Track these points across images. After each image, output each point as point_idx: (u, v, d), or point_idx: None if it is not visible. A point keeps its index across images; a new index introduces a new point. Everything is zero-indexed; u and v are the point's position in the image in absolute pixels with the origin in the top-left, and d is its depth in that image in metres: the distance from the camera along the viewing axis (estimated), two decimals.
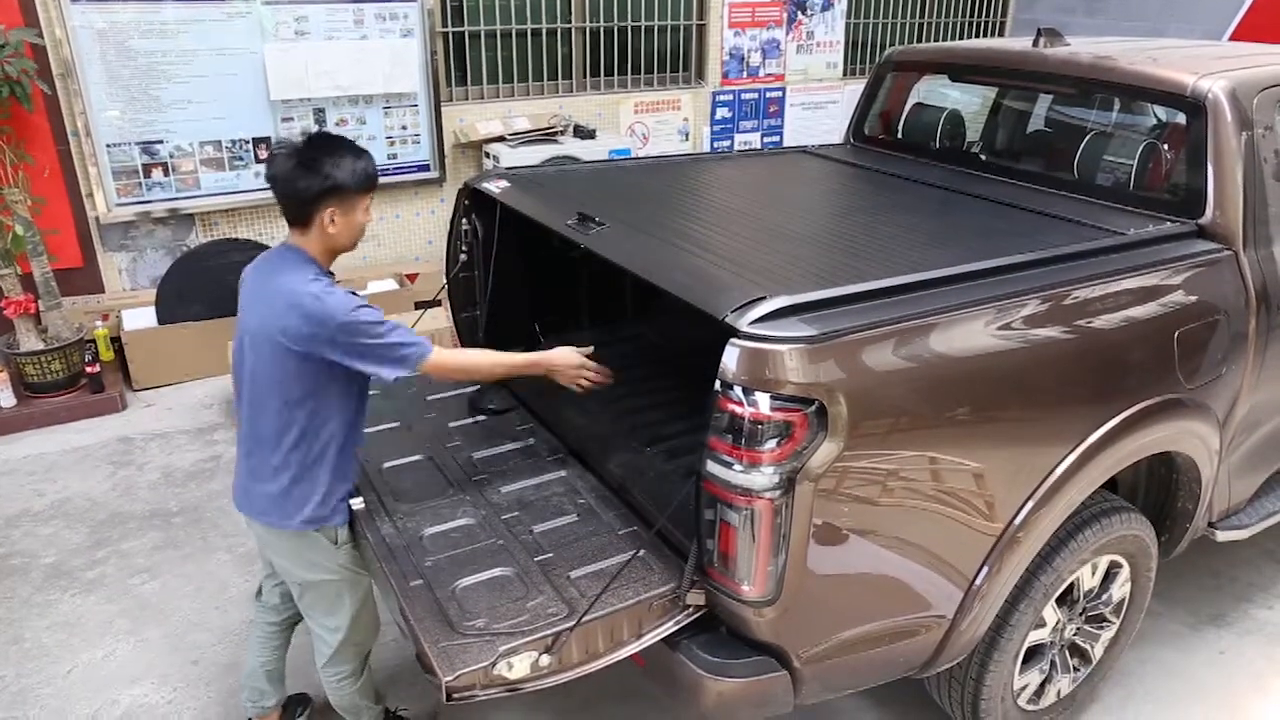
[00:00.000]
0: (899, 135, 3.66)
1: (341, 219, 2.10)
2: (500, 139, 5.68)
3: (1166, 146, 2.79)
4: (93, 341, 4.66)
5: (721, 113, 6.89)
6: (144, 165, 4.96)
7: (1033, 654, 2.48)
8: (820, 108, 7.33)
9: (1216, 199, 2.53)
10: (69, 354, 4.51)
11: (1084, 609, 2.55)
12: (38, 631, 3.09)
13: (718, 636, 1.99)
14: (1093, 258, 2.31)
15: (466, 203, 3.02)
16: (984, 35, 8.16)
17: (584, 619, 1.89)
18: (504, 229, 3.07)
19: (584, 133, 5.97)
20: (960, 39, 7.98)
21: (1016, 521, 2.11)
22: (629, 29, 6.40)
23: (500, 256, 3.10)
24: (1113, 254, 2.35)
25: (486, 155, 5.74)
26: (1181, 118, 2.66)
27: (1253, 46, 3.36)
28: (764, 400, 1.75)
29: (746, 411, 1.76)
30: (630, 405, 2.84)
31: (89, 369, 4.54)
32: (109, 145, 4.85)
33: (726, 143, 6.98)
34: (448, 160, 5.80)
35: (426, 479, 2.49)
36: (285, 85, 5.12)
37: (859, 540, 1.92)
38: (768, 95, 7.05)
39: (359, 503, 2.28)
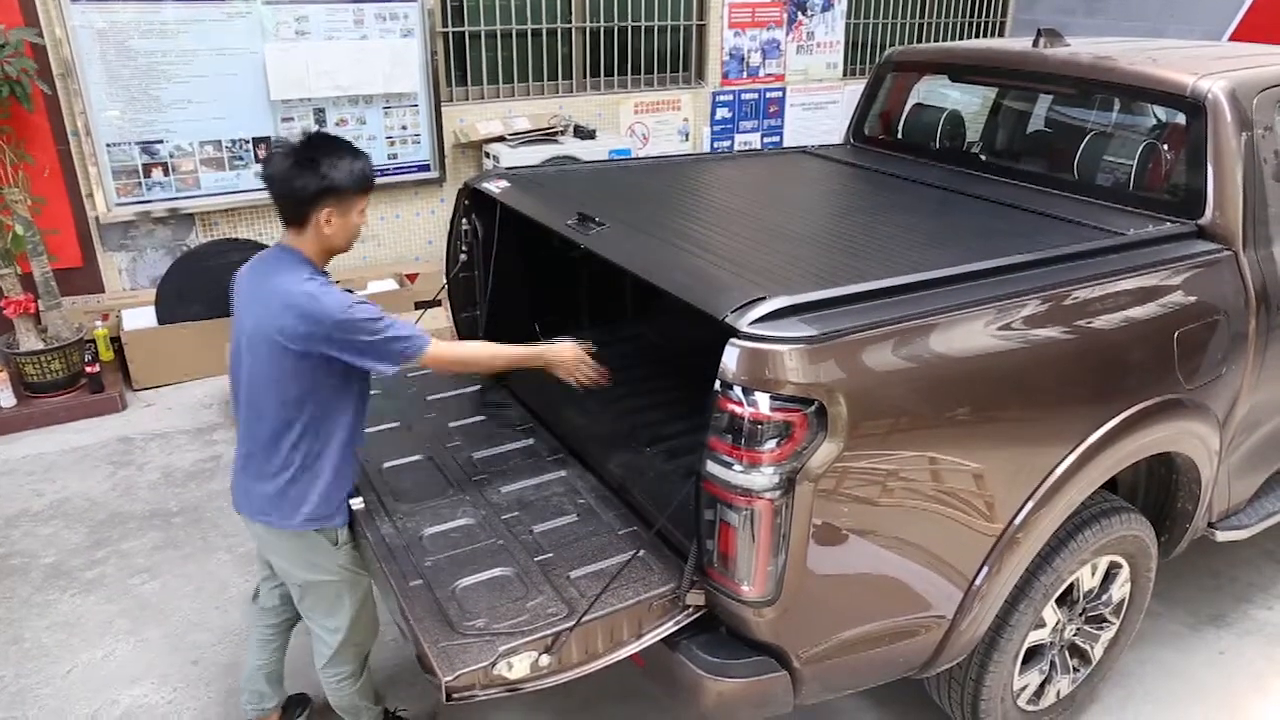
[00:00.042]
0: (899, 135, 3.66)
1: (338, 220, 2.09)
2: (500, 139, 5.68)
3: (1166, 147, 2.79)
4: (92, 341, 4.66)
5: (721, 113, 6.89)
6: (144, 165, 4.97)
7: (1032, 654, 2.48)
8: (820, 108, 7.33)
9: (1216, 199, 2.53)
10: (69, 354, 4.51)
11: (1084, 609, 2.55)
12: (37, 631, 3.09)
13: (717, 637, 1.99)
14: (1092, 258, 2.31)
15: (466, 203, 3.02)
16: (984, 36, 8.16)
17: (584, 619, 1.89)
18: (504, 229, 3.07)
19: (584, 133, 5.97)
20: (960, 39, 7.98)
21: (1016, 522, 2.11)
22: (629, 29, 6.40)
23: (500, 256, 3.11)
24: (1112, 254, 2.35)
25: (486, 155, 5.74)
26: (1181, 118, 2.66)
27: (1253, 47, 3.35)
28: (764, 400, 1.75)
29: (746, 412, 1.76)
30: (630, 405, 2.84)
31: (89, 369, 4.54)
32: (109, 145, 4.85)
33: (726, 143, 6.98)
34: (448, 160, 5.80)
35: (426, 479, 2.49)
36: (285, 85, 5.13)
37: (859, 540, 1.92)
38: (768, 95, 7.04)
39: (359, 503, 2.28)
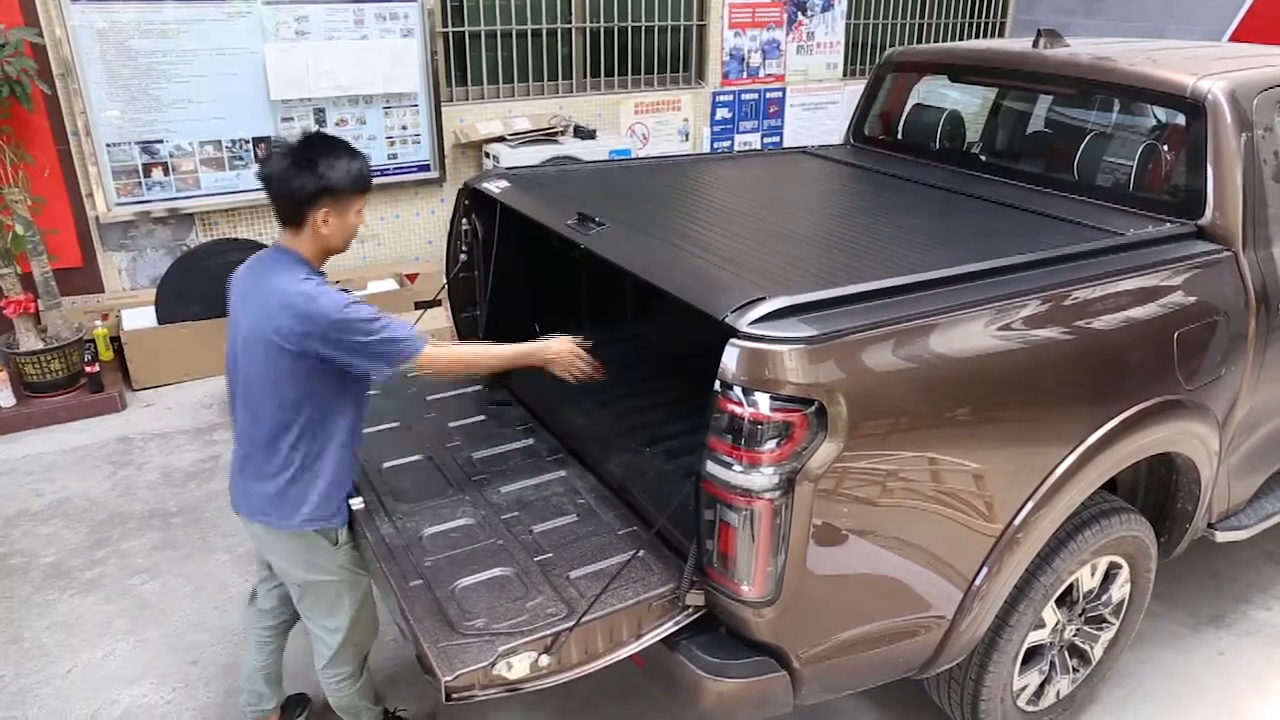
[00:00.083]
0: (899, 136, 3.66)
1: (335, 220, 2.09)
2: (500, 139, 5.68)
3: (1166, 147, 2.79)
4: (92, 341, 4.66)
5: (721, 113, 6.89)
6: (144, 165, 4.96)
7: (1032, 655, 2.48)
8: (820, 108, 7.33)
9: (1216, 200, 2.53)
10: (68, 354, 4.51)
11: (1083, 610, 2.55)
12: (37, 631, 3.09)
13: (717, 637, 1.99)
14: (1092, 258, 2.31)
15: (466, 203, 3.02)
16: (984, 36, 8.16)
17: (583, 619, 1.89)
18: (504, 229, 3.07)
19: (584, 133, 5.97)
20: (960, 40, 7.98)
21: (1016, 522, 2.11)
22: (629, 29, 6.40)
23: (500, 256, 3.10)
24: (1112, 255, 2.35)
25: (486, 155, 5.74)
26: (1181, 119, 2.66)
27: (1253, 47, 3.36)
28: (764, 400, 1.75)
29: (746, 412, 1.76)
30: (630, 405, 2.84)
31: (88, 369, 4.54)
32: (109, 145, 4.85)
33: (726, 143, 6.98)
34: (448, 160, 5.80)
35: (426, 479, 2.49)
36: (285, 85, 5.12)
37: (859, 541, 1.92)
38: (768, 96, 7.04)
39: (359, 503, 2.28)
